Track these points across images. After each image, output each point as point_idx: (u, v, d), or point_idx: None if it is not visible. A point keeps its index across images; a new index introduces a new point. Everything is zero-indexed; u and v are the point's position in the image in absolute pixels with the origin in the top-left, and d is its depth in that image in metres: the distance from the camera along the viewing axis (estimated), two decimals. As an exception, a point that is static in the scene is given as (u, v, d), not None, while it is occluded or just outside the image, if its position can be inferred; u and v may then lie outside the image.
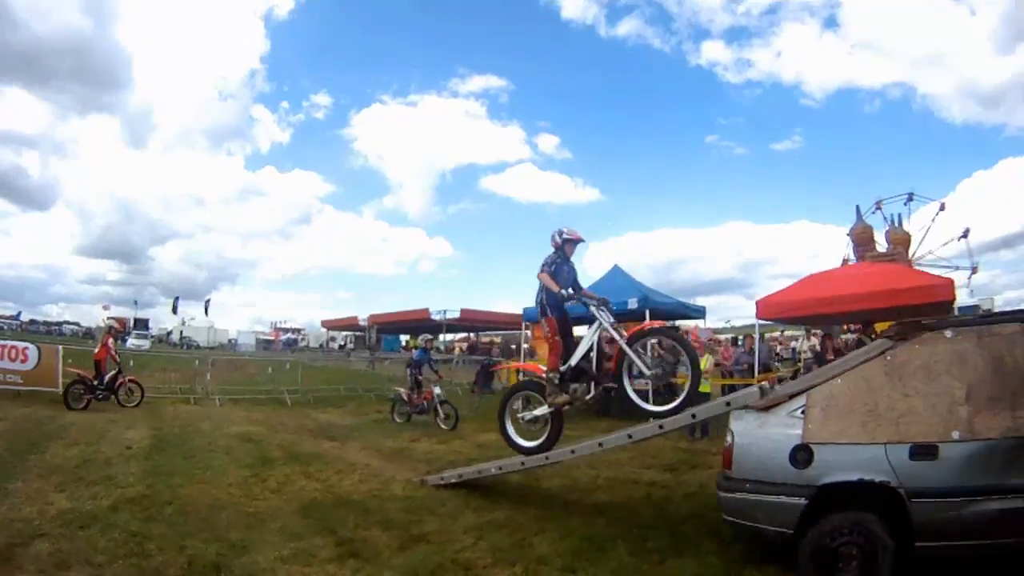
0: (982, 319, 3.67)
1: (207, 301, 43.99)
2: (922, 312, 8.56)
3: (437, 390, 9.38)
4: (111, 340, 9.93)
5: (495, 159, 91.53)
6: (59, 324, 45.56)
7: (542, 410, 4.85)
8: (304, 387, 13.30)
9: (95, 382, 9.32)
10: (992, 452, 2.82)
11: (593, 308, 4.58)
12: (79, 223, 70.15)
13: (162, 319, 45.42)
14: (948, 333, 3.12)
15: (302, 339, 43.39)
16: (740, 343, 12.64)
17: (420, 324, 24.86)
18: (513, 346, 20.68)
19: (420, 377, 9.74)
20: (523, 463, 4.81)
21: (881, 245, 20.76)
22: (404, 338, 34.23)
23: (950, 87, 77.22)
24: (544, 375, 4.90)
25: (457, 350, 26.92)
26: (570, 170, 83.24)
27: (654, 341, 5.63)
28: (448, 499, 4.82)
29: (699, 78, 66.07)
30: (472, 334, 32.40)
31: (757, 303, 8.99)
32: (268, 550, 3.57)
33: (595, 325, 4.65)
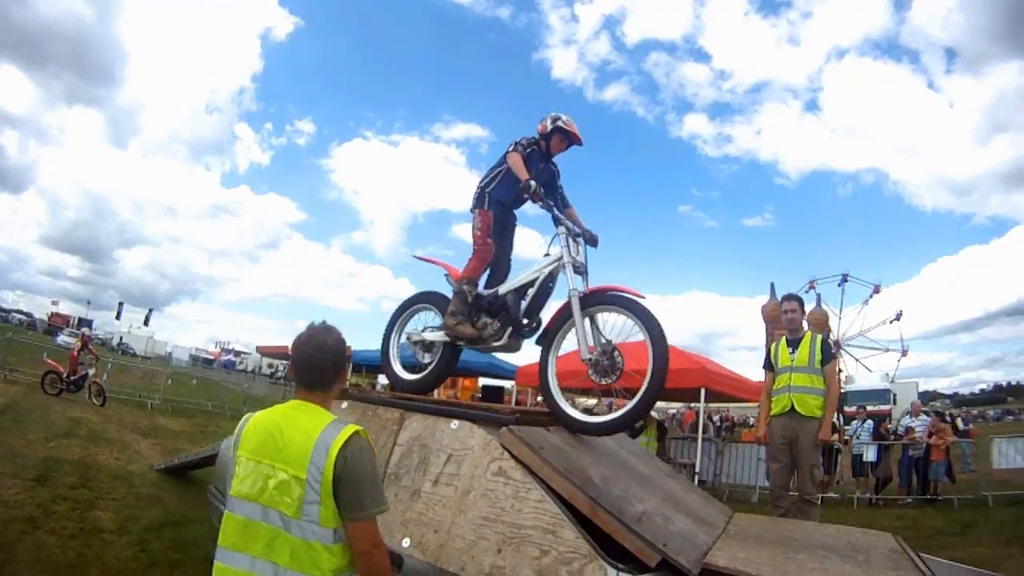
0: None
1: (149, 312, 45.55)
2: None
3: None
4: (80, 346, 12.70)
5: (469, 207, 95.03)
6: (8, 312, 46.14)
7: (438, 335, 3.53)
8: (174, 396, 14.93)
9: (69, 377, 11.72)
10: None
11: (562, 231, 3.20)
12: (49, 212, 70.83)
13: (111, 324, 46.24)
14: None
15: (240, 362, 44.24)
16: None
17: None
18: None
19: None
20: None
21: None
22: None
23: (923, 175, 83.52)
24: (455, 283, 3.47)
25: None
26: (542, 227, 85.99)
27: (609, 314, 4.00)
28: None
29: (679, 149, 70.77)
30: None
31: (518, 371, 10.34)
32: None
33: (552, 256, 3.28)
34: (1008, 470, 9.02)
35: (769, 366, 4.46)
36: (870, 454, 9.75)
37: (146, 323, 43.43)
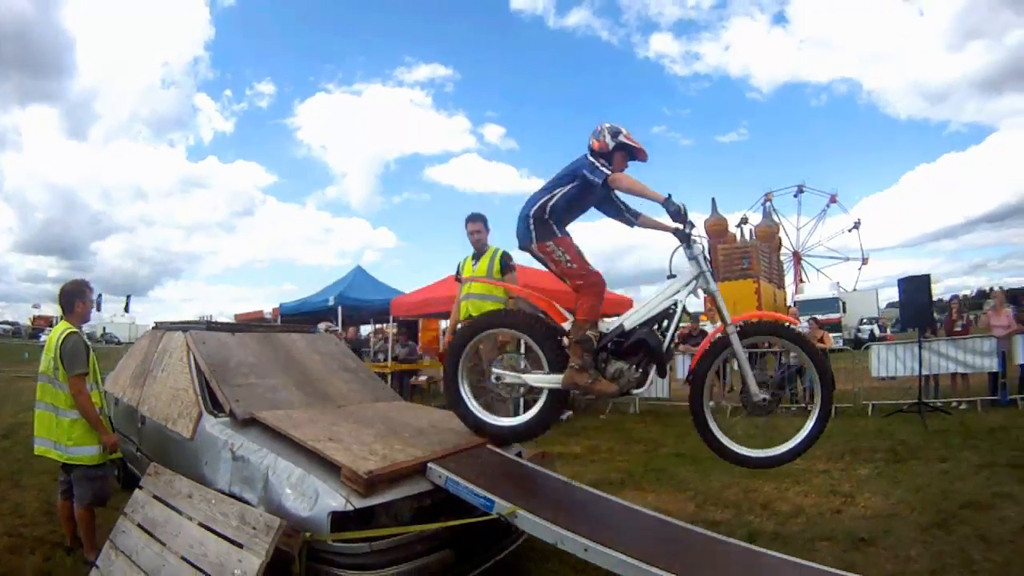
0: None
1: (128, 298, 47.01)
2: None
3: None
4: None
5: (440, 149, 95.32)
6: (-8, 324, 47.36)
7: (539, 378, 3.00)
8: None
9: None
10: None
11: (697, 250, 2.89)
12: (19, 217, 70.07)
13: (94, 316, 47.62)
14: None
15: (225, 333, 46.08)
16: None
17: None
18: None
19: None
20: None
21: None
22: (322, 326, 36.94)
23: (897, 83, 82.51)
24: (571, 327, 2.94)
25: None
26: (516, 160, 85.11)
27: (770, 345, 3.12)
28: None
29: (647, 70, 69.23)
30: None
31: (391, 303, 10.20)
32: None
33: (685, 279, 2.92)
34: (884, 378, 9.00)
35: (457, 277, 4.84)
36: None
37: (126, 310, 44.88)
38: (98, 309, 44.92)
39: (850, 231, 39.23)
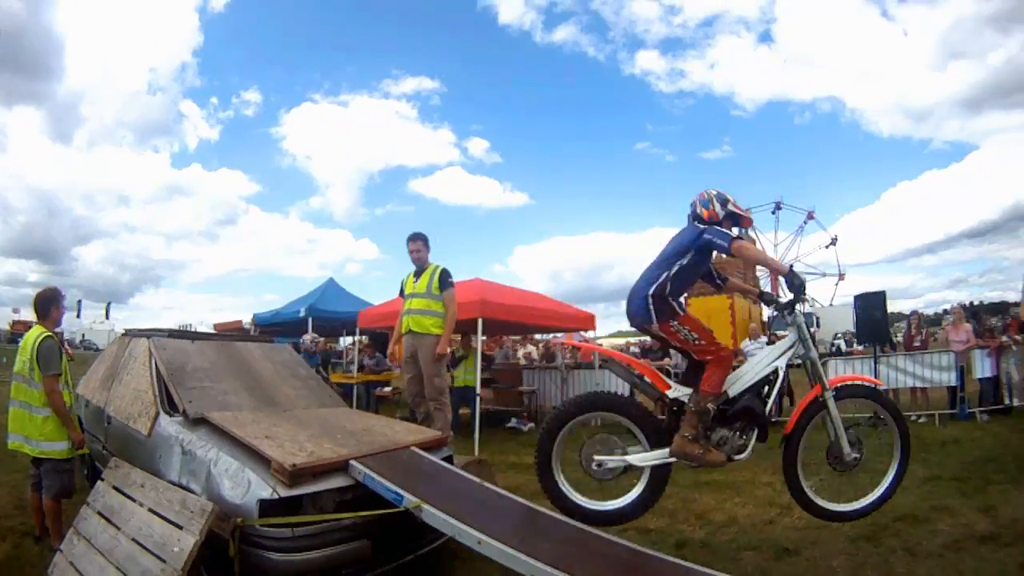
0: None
1: (108, 305, 46.67)
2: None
3: None
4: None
5: (424, 161, 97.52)
6: (-30, 329, 46.70)
7: (643, 456, 2.98)
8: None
9: None
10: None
11: (800, 321, 2.99)
12: None
13: (76, 323, 47.23)
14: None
15: (205, 342, 45.84)
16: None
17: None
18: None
19: None
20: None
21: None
22: (307, 337, 36.79)
23: (880, 102, 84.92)
24: (693, 396, 2.91)
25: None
26: (500, 174, 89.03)
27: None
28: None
29: (632, 87, 70.60)
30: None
31: (359, 314, 10.28)
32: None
33: (786, 346, 2.99)
34: None
35: (401, 293, 5.27)
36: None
37: (107, 316, 44.72)
38: (78, 315, 44.83)
39: (827, 247, 40.30)
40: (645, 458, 3.00)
